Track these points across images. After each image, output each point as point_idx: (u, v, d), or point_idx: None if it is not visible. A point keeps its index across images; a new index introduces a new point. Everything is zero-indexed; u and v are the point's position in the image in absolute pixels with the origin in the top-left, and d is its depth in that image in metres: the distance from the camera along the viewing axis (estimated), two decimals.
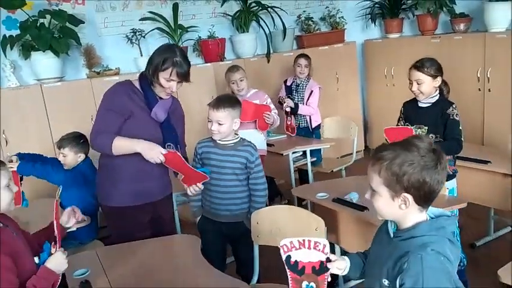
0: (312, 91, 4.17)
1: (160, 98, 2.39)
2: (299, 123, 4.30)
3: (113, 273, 1.99)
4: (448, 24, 4.66)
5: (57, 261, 1.64)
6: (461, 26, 4.46)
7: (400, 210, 1.38)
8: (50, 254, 1.67)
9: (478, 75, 4.24)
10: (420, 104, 2.74)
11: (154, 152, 2.23)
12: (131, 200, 2.38)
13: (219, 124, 2.39)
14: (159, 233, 2.44)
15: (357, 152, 4.40)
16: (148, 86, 2.35)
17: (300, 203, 3.74)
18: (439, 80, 2.67)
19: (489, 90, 4.22)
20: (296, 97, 4.24)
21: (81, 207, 2.89)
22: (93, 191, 3.04)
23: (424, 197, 1.36)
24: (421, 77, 2.63)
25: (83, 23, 3.97)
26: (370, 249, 1.59)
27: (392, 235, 1.45)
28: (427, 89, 2.66)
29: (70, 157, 3.00)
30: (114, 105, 2.30)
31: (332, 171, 4.16)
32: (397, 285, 1.35)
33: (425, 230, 1.37)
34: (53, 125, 3.84)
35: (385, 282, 1.41)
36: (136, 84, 2.39)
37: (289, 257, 1.56)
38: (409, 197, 1.36)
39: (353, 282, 2.90)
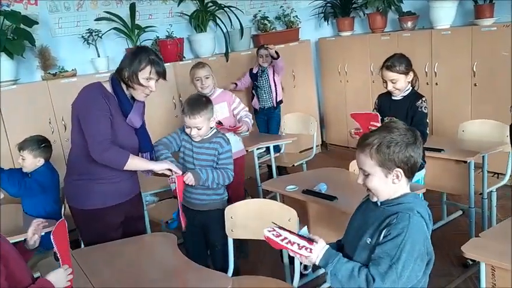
0: (273, 66, 4.56)
1: (134, 100, 2.36)
2: (264, 106, 4.64)
3: (93, 274, 1.97)
4: (397, 22, 4.91)
5: (57, 276, 1.66)
6: (409, 24, 4.71)
7: (393, 185, 1.57)
8: None
9: (426, 70, 4.50)
10: (393, 97, 2.87)
11: (164, 164, 2.33)
12: (105, 201, 2.36)
13: (198, 129, 2.46)
14: (130, 232, 2.44)
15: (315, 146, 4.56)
16: (122, 90, 2.31)
17: (264, 197, 3.82)
18: (411, 74, 2.80)
19: (436, 84, 4.49)
20: (262, 81, 4.59)
21: (45, 214, 2.85)
22: (55, 196, 2.97)
23: (411, 169, 1.56)
24: (395, 76, 2.75)
25: (37, 23, 3.86)
26: (352, 218, 1.75)
27: (379, 204, 1.62)
28: (402, 85, 2.79)
29: (28, 161, 2.91)
30: (101, 108, 2.22)
31: (293, 165, 4.30)
32: (381, 237, 1.51)
33: (411, 199, 1.57)
34: (9, 129, 3.71)
35: (368, 240, 1.57)
36: (108, 87, 2.31)
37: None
38: (400, 171, 1.55)
39: (322, 270, 3.02)
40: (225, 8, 4.78)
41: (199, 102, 2.48)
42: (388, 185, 1.57)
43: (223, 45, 4.79)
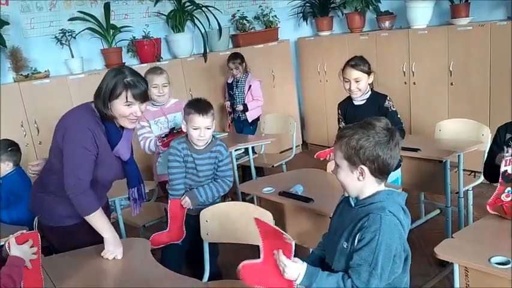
0: (250, 86, 4.42)
1: (122, 127, 2.11)
2: (238, 115, 4.52)
3: (60, 281, 1.90)
4: (374, 21, 4.92)
5: (22, 249, 1.66)
6: (387, 24, 4.73)
7: (358, 182, 1.56)
8: None
9: (404, 70, 4.52)
10: (356, 102, 2.88)
11: (116, 250, 2.06)
12: (75, 216, 2.17)
13: (208, 129, 2.44)
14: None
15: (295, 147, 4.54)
16: (108, 119, 2.05)
17: (244, 199, 3.79)
18: (372, 76, 2.84)
19: (414, 83, 4.51)
20: (237, 92, 4.47)
21: (19, 221, 2.78)
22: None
23: (379, 169, 1.53)
24: (359, 75, 2.78)
25: (8, 24, 3.76)
26: (330, 222, 1.74)
27: (353, 205, 1.61)
28: (364, 86, 2.81)
29: None
30: (91, 147, 2.00)
31: (273, 166, 4.27)
32: (356, 242, 1.50)
33: (383, 197, 1.56)
34: None
35: (344, 244, 1.55)
36: (96, 113, 2.06)
37: None
38: (365, 168, 1.53)
39: None
40: (202, 8, 4.73)
41: (206, 103, 2.49)
42: (354, 181, 1.56)
43: (202, 45, 4.74)
